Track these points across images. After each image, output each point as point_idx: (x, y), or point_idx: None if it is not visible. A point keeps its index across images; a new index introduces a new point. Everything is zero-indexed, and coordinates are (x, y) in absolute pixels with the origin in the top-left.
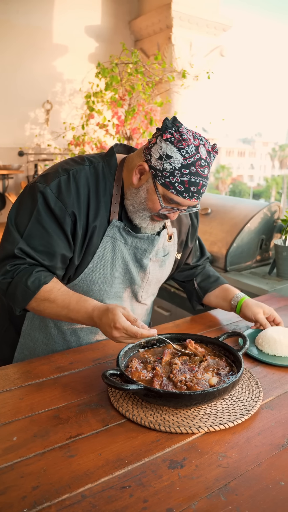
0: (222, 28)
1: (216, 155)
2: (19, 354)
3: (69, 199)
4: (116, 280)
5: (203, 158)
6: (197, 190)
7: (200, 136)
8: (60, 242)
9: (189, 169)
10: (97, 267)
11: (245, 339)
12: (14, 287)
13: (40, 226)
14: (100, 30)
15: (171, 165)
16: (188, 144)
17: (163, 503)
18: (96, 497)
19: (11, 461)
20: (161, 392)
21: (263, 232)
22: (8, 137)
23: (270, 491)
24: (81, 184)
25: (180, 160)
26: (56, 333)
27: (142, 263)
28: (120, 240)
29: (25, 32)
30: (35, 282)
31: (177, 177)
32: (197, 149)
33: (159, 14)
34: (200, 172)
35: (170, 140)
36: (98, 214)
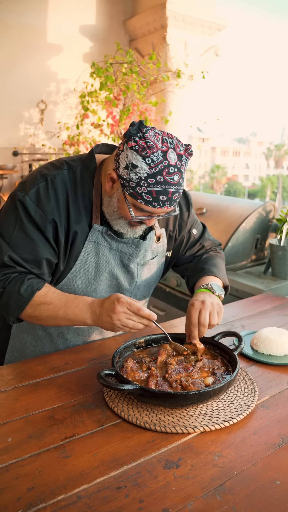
0: (217, 28)
1: (190, 157)
2: (9, 356)
3: (49, 206)
4: (102, 285)
5: (172, 165)
6: (168, 198)
7: (171, 138)
8: (45, 248)
9: (156, 178)
10: (80, 272)
11: (240, 338)
12: (7, 296)
13: (24, 234)
14: (95, 29)
15: (136, 175)
16: (153, 152)
17: (159, 503)
18: (92, 498)
19: (6, 462)
20: (157, 392)
21: (258, 232)
22: (3, 137)
23: (266, 490)
24: (59, 189)
25: (146, 169)
26: (43, 335)
27: (128, 268)
28: (104, 245)
29: (19, 32)
30: (28, 290)
31: (144, 187)
32: (165, 155)
33: (154, 14)
34: (168, 180)
35: (135, 148)
36: (79, 219)
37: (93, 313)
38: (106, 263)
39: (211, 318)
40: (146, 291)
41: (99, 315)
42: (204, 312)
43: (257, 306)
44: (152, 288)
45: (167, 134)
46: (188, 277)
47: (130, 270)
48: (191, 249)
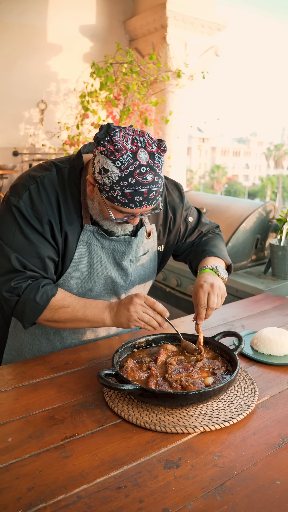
0: (217, 28)
1: (163, 153)
2: (7, 355)
3: (43, 207)
4: (96, 285)
5: (143, 165)
6: (144, 198)
7: (142, 136)
8: (46, 248)
9: (128, 181)
10: (75, 273)
11: (240, 338)
12: (23, 305)
13: (24, 238)
14: (95, 29)
15: (109, 179)
16: (122, 154)
17: (159, 503)
18: (92, 498)
19: (6, 462)
20: (157, 392)
21: (258, 232)
22: (3, 137)
23: (266, 490)
24: (49, 190)
25: (117, 172)
26: (40, 333)
27: (122, 266)
28: (97, 245)
29: (19, 32)
30: (44, 297)
31: (117, 191)
32: (135, 156)
33: (154, 14)
34: (141, 181)
35: (104, 153)
36: (71, 220)
37: (111, 311)
38: (99, 262)
39: (217, 305)
40: (141, 288)
41: (117, 312)
42: (213, 295)
43: (257, 306)
44: (147, 285)
45: (138, 132)
46: (191, 261)
47: (124, 268)
48: (190, 237)
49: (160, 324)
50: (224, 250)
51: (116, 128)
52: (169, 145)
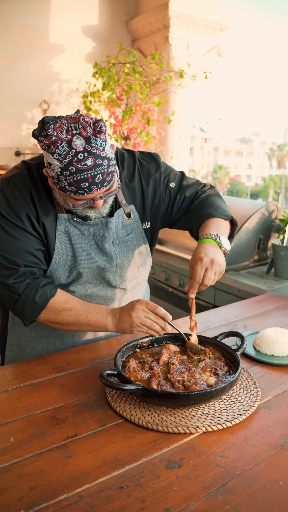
0: (219, 28)
1: (100, 135)
2: (9, 351)
3: (18, 203)
4: (84, 272)
5: (80, 151)
6: (90, 183)
7: (77, 122)
8: (31, 241)
9: (69, 170)
10: (60, 263)
11: (242, 339)
12: (22, 303)
13: (8, 236)
14: (97, 29)
15: (53, 171)
16: (58, 146)
17: (161, 503)
18: (94, 498)
19: (8, 462)
20: (159, 392)
21: (261, 232)
22: (5, 137)
23: (268, 490)
24: (21, 187)
25: (58, 164)
26: (35, 323)
27: (104, 249)
28: (76, 233)
29: (21, 32)
30: (43, 297)
31: (63, 181)
32: (70, 144)
33: (156, 14)
34: (80, 168)
35: (44, 148)
36: (46, 211)
37: (114, 317)
38: (81, 250)
39: (212, 282)
40: (134, 270)
41: (119, 318)
42: (210, 271)
43: (259, 306)
44: (143, 267)
45: (74, 119)
46: (191, 228)
47: (107, 251)
48: (175, 204)
49: (163, 328)
50: (221, 206)
51: (51, 120)
52: (172, 146)
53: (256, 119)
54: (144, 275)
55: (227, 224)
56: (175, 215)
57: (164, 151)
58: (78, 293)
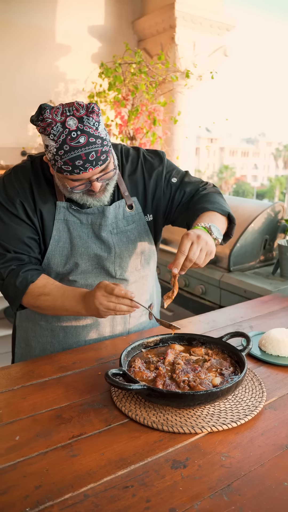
0: (225, 28)
1: (92, 115)
2: (18, 348)
3: (14, 191)
4: (81, 260)
5: (73, 130)
6: (85, 160)
7: (71, 106)
8: (23, 229)
9: (63, 149)
10: (57, 250)
11: (248, 339)
12: (6, 288)
13: (2, 223)
14: (103, 30)
15: (50, 152)
16: (53, 127)
17: (166, 503)
18: (99, 497)
19: (14, 461)
20: (164, 392)
21: (267, 232)
22: (11, 137)
23: (273, 491)
24: (21, 177)
25: (53, 144)
26: (39, 318)
27: (102, 238)
28: (75, 221)
29: (27, 32)
30: (23, 282)
31: (59, 161)
32: (64, 125)
33: (163, 14)
34: (73, 145)
35: (41, 132)
36: (45, 200)
37: (85, 303)
38: (79, 237)
39: (199, 258)
40: (136, 262)
41: (88, 305)
42: (196, 246)
43: (265, 307)
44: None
45: (69, 104)
46: (188, 223)
47: (104, 240)
48: (175, 198)
49: (131, 306)
50: (218, 201)
51: (47, 107)
52: (178, 146)
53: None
54: (149, 269)
55: (223, 219)
56: (176, 211)
57: (170, 151)
58: (79, 283)
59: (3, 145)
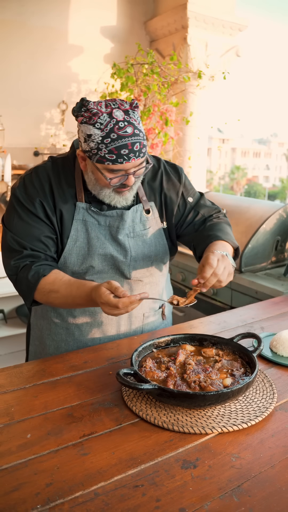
0: (238, 28)
1: (136, 109)
2: (32, 346)
3: (34, 190)
4: (97, 260)
5: (120, 120)
6: (130, 150)
7: (115, 101)
8: (41, 227)
9: (110, 137)
10: (73, 250)
11: (259, 340)
12: (20, 283)
13: (21, 220)
14: (116, 30)
15: (93, 141)
16: (99, 116)
17: (176, 503)
18: (109, 495)
19: (25, 458)
20: (175, 392)
21: (279, 233)
22: (24, 137)
23: (283, 493)
24: (42, 177)
25: (99, 133)
26: (55, 315)
27: (119, 241)
28: (93, 222)
29: (40, 34)
30: (35, 276)
31: (104, 149)
32: (111, 115)
33: (175, 15)
34: (122, 134)
35: (84, 121)
36: (65, 200)
37: (94, 303)
38: (96, 238)
39: (222, 274)
40: (148, 265)
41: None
42: (221, 263)
43: (276, 308)
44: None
45: (111, 99)
46: (195, 246)
47: (121, 243)
48: (189, 217)
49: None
50: (230, 234)
51: (89, 100)
52: (190, 146)
53: (274, 120)
54: (162, 272)
55: (232, 252)
56: (184, 229)
57: (182, 152)
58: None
59: (16, 145)
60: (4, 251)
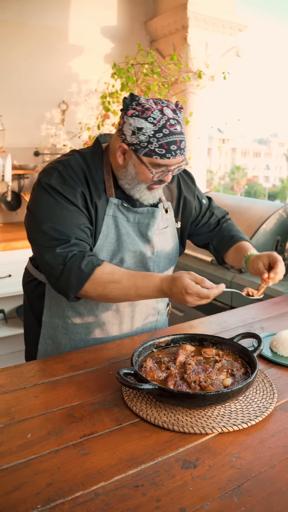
0: (238, 28)
1: (182, 110)
2: (42, 345)
3: (73, 181)
4: (127, 256)
5: (171, 118)
6: (178, 147)
7: (161, 100)
8: (82, 217)
9: (162, 132)
10: (104, 245)
11: (259, 340)
12: (68, 272)
13: (61, 209)
14: (116, 30)
15: (144, 135)
16: (152, 111)
17: (176, 503)
18: (109, 495)
19: (26, 458)
20: (175, 392)
21: (279, 233)
22: (24, 137)
23: (284, 493)
24: (77, 169)
25: (151, 127)
26: (73, 315)
27: (147, 237)
28: (122, 218)
29: (40, 33)
30: (89, 265)
31: (155, 143)
32: (162, 112)
33: (175, 15)
34: (173, 131)
35: (135, 114)
36: (98, 194)
37: (164, 295)
38: (127, 234)
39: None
40: (166, 262)
41: (170, 297)
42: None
43: (276, 308)
44: (172, 260)
45: (156, 98)
46: (215, 245)
47: (149, 239)
48: (204, 217)
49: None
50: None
51: (139, 96)
52: (190, 146)
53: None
54: (171, 270)
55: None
56: (199, 228)
57: None
58: None
59: (17, 145)
60: (44, 242)
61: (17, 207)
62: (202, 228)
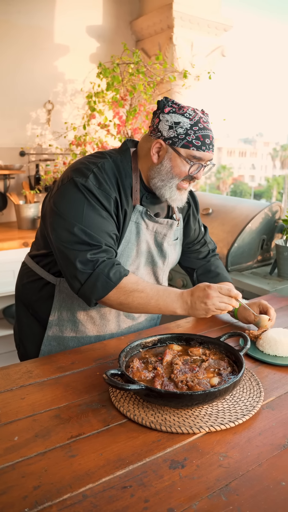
0: (223, 28)
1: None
2: (46, 346)
3: (107, 186)
4: (141, 263)
5: (202, 116)
6: (210, 141)
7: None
8: (112, 224)
9: (198, 126)
10: (125, 251)
11: (246, 339)
12: (95, 278)
13: (95, 214)
14: (102, 30)
15: (182, 128)
16: (187, 109)
17: (164, 503)
18: (97, 497)
19: (12, 461)
20: (162, 392)
21: (264, 232)
22: (10, 137)
23: (271, 491)
24: (110, 173)
25: (187, 121)
26: (85, 318)
27: (162, 247)
28: (143, 225)
29: (26, 33)
30: (117, 274)
31: (192, 135)
32: (194, 111)
33: (160, 14)
34: (206, 126)
35: (172, 111)
36: (127, 201)
37: (184, 303)
38: (145, 242)
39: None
40: (167, 271)
41: (192, 304)
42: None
43: None
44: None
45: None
46: (199, 275)
47: (163, 249)
48: (197, 244)
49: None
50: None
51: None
52: None
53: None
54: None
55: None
56: (190, 252)
57: None
58: None
59: (2, 145)
60: (72, 243)
61: (3, 208)
62: (192, 253)
